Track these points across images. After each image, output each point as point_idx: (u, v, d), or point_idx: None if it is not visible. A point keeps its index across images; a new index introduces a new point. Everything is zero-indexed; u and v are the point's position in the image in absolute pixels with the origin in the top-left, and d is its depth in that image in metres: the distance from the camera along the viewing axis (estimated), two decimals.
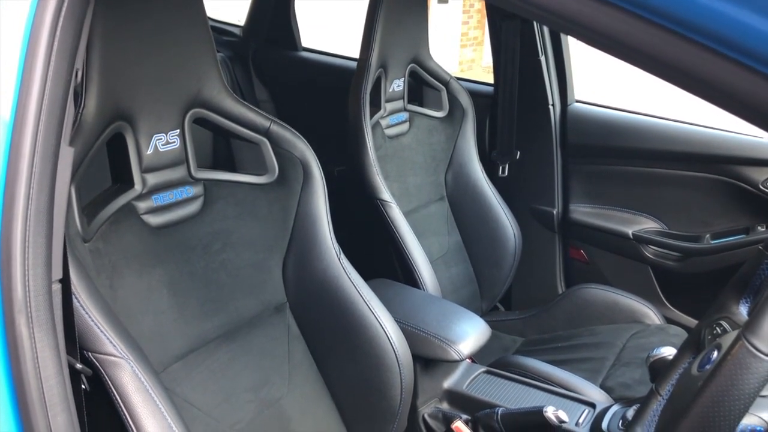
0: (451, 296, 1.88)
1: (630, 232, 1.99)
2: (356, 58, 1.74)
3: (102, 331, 0.88)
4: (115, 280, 1.03)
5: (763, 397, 0.80)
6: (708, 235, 1.89)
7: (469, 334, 1.37)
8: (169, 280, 1.11)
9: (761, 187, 1.79)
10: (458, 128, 1.96)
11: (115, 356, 0.88)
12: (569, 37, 2.00)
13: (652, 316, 1.80)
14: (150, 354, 1.00)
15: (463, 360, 1.37)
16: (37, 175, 0.76)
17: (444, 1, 7.80)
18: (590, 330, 1.82)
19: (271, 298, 1.26)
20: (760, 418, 0.82)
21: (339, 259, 1.24)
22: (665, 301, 2.00)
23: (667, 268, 1.97)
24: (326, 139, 1.63)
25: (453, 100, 1.95)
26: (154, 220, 1.10)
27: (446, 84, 1.94)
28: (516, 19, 2.00)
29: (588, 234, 2.10)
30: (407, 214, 1.76)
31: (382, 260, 1.72)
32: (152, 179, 1.10)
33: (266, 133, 1.21)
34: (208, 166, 1.21)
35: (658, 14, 0.51)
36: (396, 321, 1.25)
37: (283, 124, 1.22)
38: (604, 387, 1.53)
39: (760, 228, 1.83)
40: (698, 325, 0.96)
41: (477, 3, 7.97)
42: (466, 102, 1.95)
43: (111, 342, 0.88)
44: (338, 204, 1.34)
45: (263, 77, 2.58)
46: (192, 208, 1.16)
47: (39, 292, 0.77)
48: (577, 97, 2.16)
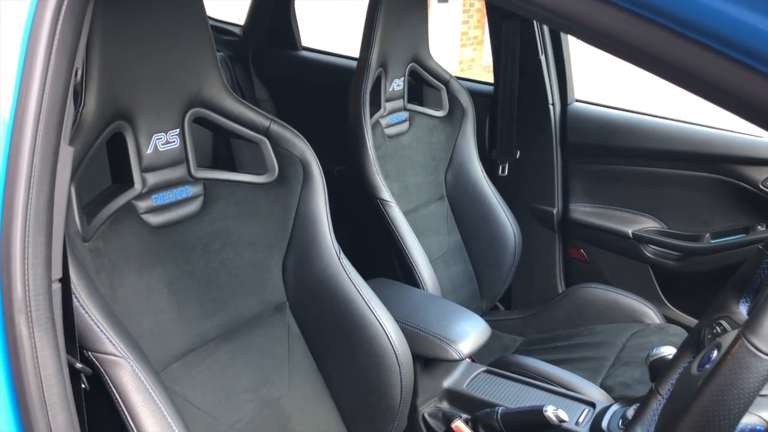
0: (450, 296, 1.88)
1: (630, 231, 1.99)
2: (356, 57, 1.74)
3: (102, 331, 0.88)
4: (114, 279, 1.03)
5: (762, 396, 0.80)
6: (708, 235, 1.89)
7: (469, 334, 1.37)
8: (168, 280, 1.11)
9: (761, 187, 1.79)
10: (458, 127, 1.96)
11: (114, 355, 0.88)
12: (569, 37, 2.00)
13: (651, 315, 1.81)
14: (150, 353, 1.00)
15: (462, 359, 1.37)
16: (37, 175, 0.76)
17: (444, 0, 7.79)
18: (590, 329, 1.82)
19: (270, 297, 1.26)
20: (760, 417, 0.82)
21: (339, 259, 1.24)
22: (665, 301, 2.00)
23: (667, 267, 1.96)
24: (326, 138, 1.63)
25: (453, 100, 1.95)
26: (153, 219, 1.10)
27: (446, 83, 1.94)
28: (516, 18, 2.00)
29: (588, 233, 2.09)
30: (407, 213, 1.76)
31: (382, 260, 1.72)
32: (152, 179, 1.10)
33: (266, 133, 1.21)
34: (208, 165, 1.21)
35: (658, 13, 0.51)
36: (396, 320, 1.25)
37: (283, 123, 1.22)
38: (604, 386, 1.53)
39: (760, 227, 1.83)
40: (698, 324, 0.96)
41: (477, 2, 7.96)
42: (466, 101, 1.95)
43: (111, 341, 0.88)
44: (338, 203, 1.34)
45: (263, 76, 2.58)
46: (192, 207, 1.16)
47: (39, 291, 0.77)
48: (577, 96, 2.16)
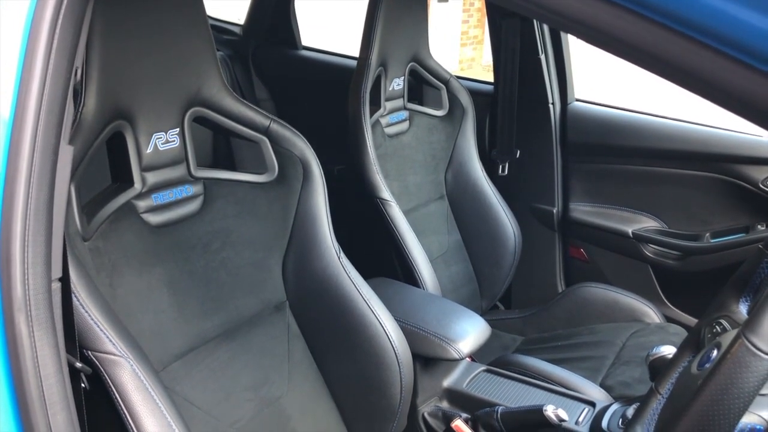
0: (450, 295, 1.88)
1: (630, 230, 1.99)
2: (356, 56, 1.74)
3: (102, 330, 0.88)
4: (114, 278, 1.03)
5: (762, 395, 0.80)
6: (708, 234, 1.89)
7: (469, 333, 1.37)
8: (168, 279, 1.11)
9: (761, 186, 1.79)
10: (458, 127, 1.96)
11: (114, 355, 0.88)
12: (569, 36, 2.00)
13: (651, 314, 1.80)
14: (150, 353, 1.00)
15: (462, 359, 1.37)
16: (37, 174, 0.76)
17: None
18: (590, 329, 1.82)
19: (270, 296, 1.26)
20: (760, 416, 0.82)
21: (339, 258, 1.24)
22: (665, 300, 2.00)
23: (667, 266, 1.96)
24: (326, 137, 1.63)
25: (453, 99, 1.95)
26: (153, 218, 1.10)
27: (446, 83, 1.94)
28: (516, 17, 2.00)
29: (588, 233, 2.09)
30: (407, 212, 1.76)
31: (382, 259, 1.72)
32: (152, 178, 1.09)
33: (266, 132, 1.21)
34: (208, 164, 1.21)
35: (658, 12, 0.51)
36: (396, 320, 1.25)
37: (283, 122, 1.22)
38: (603, 386, 1.53)
39: (759, 227, 1.83)
40: (698, 323, 0.96)
41: (477, 2, 7.96)
42: (466, 101, 1.95)
43: (111, 341, 0.88)
44: (338, 203, 1.34)
45: (263, 76, 2.58)
46: (192, 206, 1.16)
47: (38, 290, 0.77)
48: (577, 95, 2.16)
